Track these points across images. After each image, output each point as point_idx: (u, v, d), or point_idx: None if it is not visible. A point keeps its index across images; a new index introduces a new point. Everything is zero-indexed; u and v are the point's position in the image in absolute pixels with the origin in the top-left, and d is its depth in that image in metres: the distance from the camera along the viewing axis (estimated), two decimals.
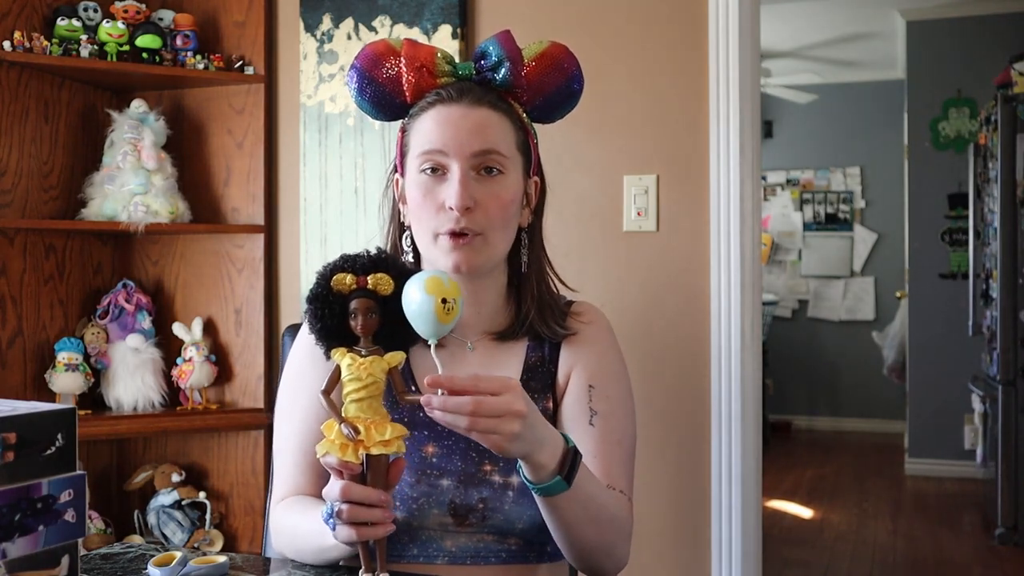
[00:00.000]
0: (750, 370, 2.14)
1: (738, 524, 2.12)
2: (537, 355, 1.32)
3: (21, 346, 2.36)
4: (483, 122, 1.23)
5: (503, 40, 1.27)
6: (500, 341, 1.32)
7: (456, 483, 1.23)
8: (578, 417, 1.28)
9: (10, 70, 2.31)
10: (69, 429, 0.85)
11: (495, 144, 1.23)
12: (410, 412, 1.25)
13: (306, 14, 2.49)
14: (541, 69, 1.28)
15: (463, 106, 1.23)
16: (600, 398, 1.29)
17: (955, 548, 4.18)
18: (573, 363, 1.31)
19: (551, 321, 1.32)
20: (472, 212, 1.21)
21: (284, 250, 2.56)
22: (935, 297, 5.53)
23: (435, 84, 1.26)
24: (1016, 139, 4.22)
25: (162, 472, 2.53)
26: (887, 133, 6.94)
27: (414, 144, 1.26)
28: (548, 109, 1.32)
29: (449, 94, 1.24)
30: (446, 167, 1.23)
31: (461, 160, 1.22)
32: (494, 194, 1.23)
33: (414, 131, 1.26)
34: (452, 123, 1.22)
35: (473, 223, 1.22)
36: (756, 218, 2.18)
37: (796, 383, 7.26)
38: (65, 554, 0.85)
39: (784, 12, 5.47)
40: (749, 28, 2.16)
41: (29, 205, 2.38)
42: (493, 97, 1.26)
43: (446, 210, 1.22)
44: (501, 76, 1.26)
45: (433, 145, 1.23)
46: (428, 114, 1.25)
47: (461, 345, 1.31)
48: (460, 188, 1.20)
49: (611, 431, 1.28)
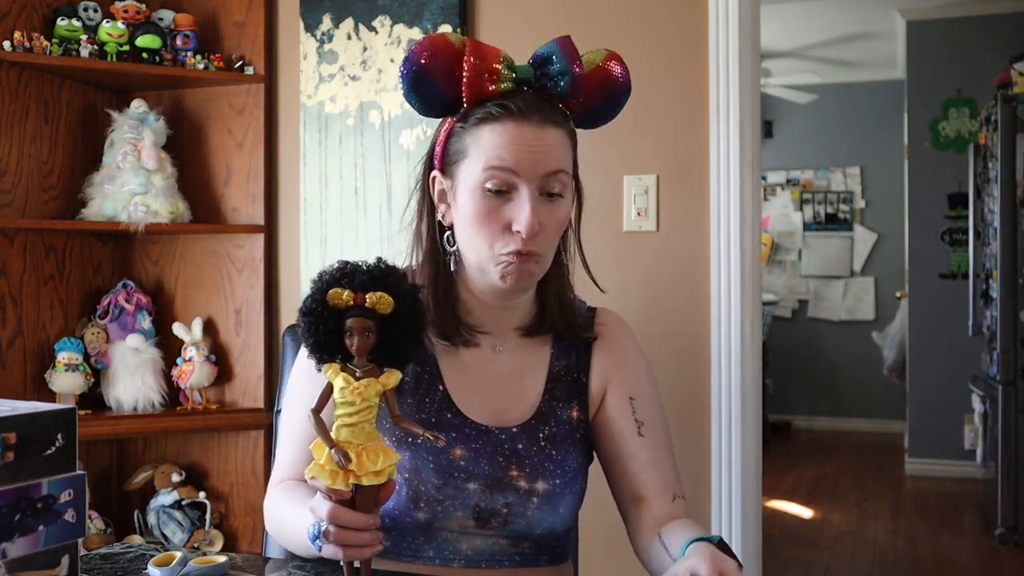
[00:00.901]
0: (750, 370, 2.14)
1: (738, 524, 2.12)
2: (563, 363, 1.33)
3: (21, 346, 2.36)
4: (550, 143, 1.21)
5: (566, 47, 1.23)
6: (527, 337, 1.32)
7: (483, 487, 1.23)
8: (626, 432, 1.30)
9: (10, 70, 2.31)
10: (69, 429, 0.85)
11: (561, 165, 1.22)
12: (437, 413, 1.26)
13: (306, 14, 2.49)
14: (598, 80, 1.26)
15: (533, 125, 1.20)
16: (642, 408, 1.32)
17: (955, 548, 4.18)
18: (608, 375, 1.33)
19: (573, 321, 1.32)
20: (537, 236, 1.21)
21: (284, 250, 2.56)
22: (935, 297, 5.52)
23: (495, 89, 1.21)
24: (1016, 139, 4.22)
25: (162, 472, 2.53)
26: (887, 133, 6.94)
27: (475, 154, 1.21)
28: (593, 118, 1.30)
29: (519, 109, 1.20)
30: (514, 187, 1.20)
31: (531, 183, 1.20)
32: (554, 215, 1.22)
33: (473, 139, 1.22)
34: (524, 144, 1.19)
35: (537, 245, 1.21)
36: (756, 218, 2.18)
37: (796, 383, 7.26)
38: (65, 554, 0.85)
39: (784, 12, 5.47)
40: (749, 28, 2.16)
41: (29, 205, 2.38)
42: (557, 115, 1.23)
43: (512, 232, 1.20)
44: (563, 86, 1.22)
45: (504, 164, 1.19)
46: (494, 127, 1.20)
47: (492, 347, 1.31)
48: (531, 215, 1.18)
49: (659, 439, 1.31)
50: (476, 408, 1.28)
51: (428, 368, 1.29)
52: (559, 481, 1.25)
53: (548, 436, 1.27)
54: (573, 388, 1.32)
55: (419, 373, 1.29)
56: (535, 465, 1.25)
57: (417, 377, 1.28)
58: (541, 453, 1.26)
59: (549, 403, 1.30)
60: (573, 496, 1.27)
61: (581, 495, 1.30)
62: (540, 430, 1.27)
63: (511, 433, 1.26)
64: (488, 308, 1.31)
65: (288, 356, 1.62)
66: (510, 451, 1.25)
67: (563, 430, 1.29)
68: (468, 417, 1.27)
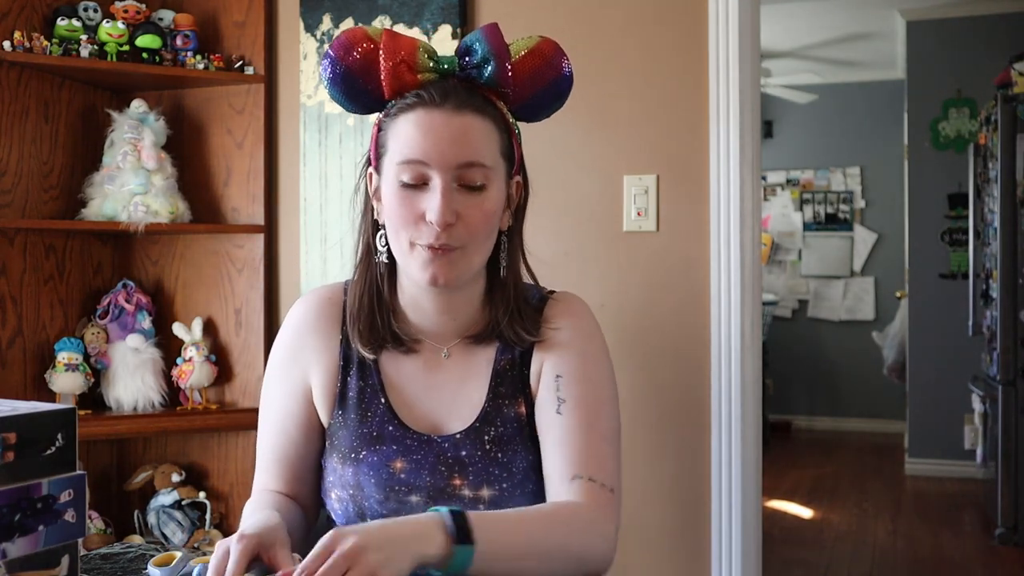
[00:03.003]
0: (750, 370, 2.14)
1: (738, 524, 2.12)
2: (506, 358, 1.26)
3: (21, 346, 2.36)
4: (467, 130, 1.16)
5: (490, 35, 1.19)
6: (475, 344, 1.27)
7: (425, 499, 1.21)
8: (545, 407, 1.22)
9: (10, 70, 2.31)
10: (69, 429, 0.85)
11: (479, 156, 1.16)
12: (379, 426, 1.23)
13: (306, 14, 2.49)
14: (529, 67, 1.20)
15: (446, 112, 1.15)
16: (569, 385, 1.22)
17: (955, 548, 4.18)
18: (544, 359, 1.25)
19: (519, 327, 1.25)
20: (453, 226, 1.15)
21: (284, 250, 2.56)
22: (935, 297, 5.52)
23: (415, 80, 1.18)
24: (1016, 139, 4.22)
25: (162, 472, 2.53)
26: (887, 133, 6.94)
27: (392, 147, 1.18)
28: (534, 108, 1.25)
29: (432, 96, 1.16)
30: (427, 178, 1.16)
31: (443, 172, 1.15)
32: (476, 206, 1.17)
33: (392, 131, 1.19)
34: (434, 131, 1.15)
35: (454, 238, 1.16)
36: (756, 218, 2.18)
37: (796, 383, 7.26)
38: (65, 554, 0.85)
39: (784, 12, 5.47)
40: (749, 28, 2.16)
41: (29, 205, 2.38)
42: (478, 100, 1.18)
43: (426, 222, 1.15)
44: (487, 75, 1.18)
45: (414, 155, 1.15)
46: (408, 117, 1.17)
47: (437, 352, 1.27)
48: (443, 204, 1.13)
49: (582, 417, 1.20)
50: (418, 418, 1.24)
51: (371, 381, 1.26)
52: (506, 485, 1.21)
53: (494, 438, 1.22)
54: (517, 383, 1.25)
55: (361, 387, 1.25)
56: (479, 472, 1.21)
57: (360, 391, 1.25)
58: (486, 458, 1.22)
59: (494, 402, 1.24)
60: (524, 499, 1.22)
61: (535, 496, 1.24)
62: (485, 432, 1.23)
63: (454, 440, 1.22)
64: (426, 312, 1.26)
65: None
66: (453, 459, 1.22)
67: (510, 429, 1.23)
68: (410, 428, 1.23)
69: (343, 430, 1.25)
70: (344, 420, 1.25)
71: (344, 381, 1.26)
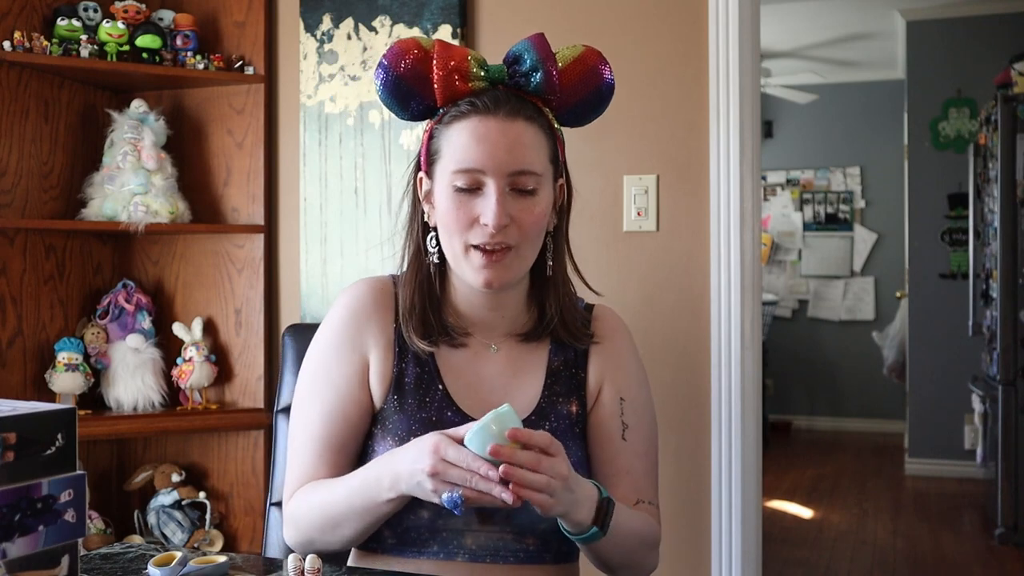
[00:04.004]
0: (750, 370, 2.14)
1: (738, 524, 2.12)
2: (560, 359, 1.33)
3: (21, 346, 2.36)
4: (519, 138, 1.22)
5: (537, 44, 1.25)
6: (524, 342, 1.33)
7: None
8: (612, 433, 1.32)
9: (10, 70, 2.31)
10: (69, 429, 0.85)
11: (531, 164, 1.22)
12: (438, 412, 1.27)
13: (306, 14, 2.49)
14: (574, 75, 1.27)
15: (499, 120, 1.21)
16: (631, 411, 1.33)
17: (955, 548, 4.18)
18: (604, 373, 1.34)
19: (573, 327, 1.33)
20: (506, 228, 1.21)
21: (284, 250, 2.56)
22: (935, 297, 5.52)
23: (466, 88, 1.23)
24: (1016, 139, 4.22)
25: (162, 472, 2.53)
26: (887, 133, 6.94)
27: (446, 153, 1.24)
28: (578, 115, 1.31)
29: (485, 105, 1.22)
30: (480, 183, 1.22)
31: (497, 179, 1.21)
32: (528, 210, 1.23)
33: (446, 138, 1.24)
34: (489, 139, 1.21)
35: (507, 238, 1.22)
36: (756, 218, 2.18)
37: (796, 383, 7.26)
38: (65, 554, 0.85)
39: (784, 12, 5.47)
40: (749, 28, 2.16)
41: (29, 205, 2.38)
42: (528, 108, 1.24)
43: (480, 225, 1.21)
44: (535, 83, 1.24)
45: (470, 164, 1.21)
46: (462, 125, 1.23)
47: (485, 347, 1.32)
48: (497, 207, 1.20)
49: (639, 442, 1.33)
50: (476, 406, 1.28)
51: (427, 368, 1.30)
52: None
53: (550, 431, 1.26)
54: (572, 383, 1.33)
55: (419, 373, 1.29)
56: None
57: (417, 377, 1.29)
58: None
59: (549, 399, 1.31)
60: None
61: None
62: (540, 426, 1.28)
63: None
64: (476, 308, 1.32)
65: (288, 356, 1.62)
66: None
67: (563, 425, 1.30)
68: (469, 415, 1.27)
69: (398, 414, 1.28)
70: (400, 405, 1.28)
71: (400, 367, 1.30)
